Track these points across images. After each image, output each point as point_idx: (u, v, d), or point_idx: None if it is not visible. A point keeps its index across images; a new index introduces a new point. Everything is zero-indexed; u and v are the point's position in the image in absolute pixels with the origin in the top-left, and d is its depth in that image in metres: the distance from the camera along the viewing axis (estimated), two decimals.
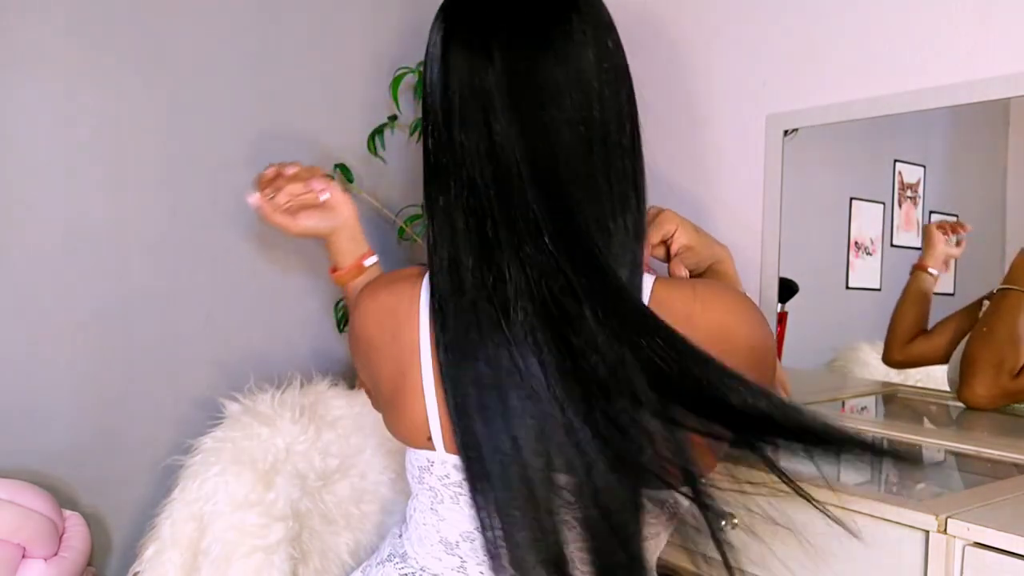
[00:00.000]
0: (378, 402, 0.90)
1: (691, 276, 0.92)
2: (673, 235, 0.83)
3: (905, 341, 1.35)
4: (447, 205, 0.72)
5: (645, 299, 0.72)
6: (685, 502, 0.76)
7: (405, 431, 0.81)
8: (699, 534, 0.78)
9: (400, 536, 0.89)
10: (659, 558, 1.07)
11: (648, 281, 0.74)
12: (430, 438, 0.77)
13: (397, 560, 0.86)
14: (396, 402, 0.79)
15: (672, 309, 0.70)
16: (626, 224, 0.71)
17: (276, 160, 1.50)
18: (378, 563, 0.89)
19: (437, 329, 0.73)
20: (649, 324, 0.67)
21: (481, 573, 0.78)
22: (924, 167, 1.40)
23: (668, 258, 0.85)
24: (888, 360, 1.37)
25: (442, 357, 0.72)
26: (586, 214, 0.69)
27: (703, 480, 0.75)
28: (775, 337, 0.75)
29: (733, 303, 0.73)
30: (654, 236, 0.81)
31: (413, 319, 0.78)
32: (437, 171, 0.73)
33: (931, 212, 1.39)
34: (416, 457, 0.81)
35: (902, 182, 1.40)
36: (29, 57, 1.24)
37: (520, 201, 0.68)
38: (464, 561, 0.79)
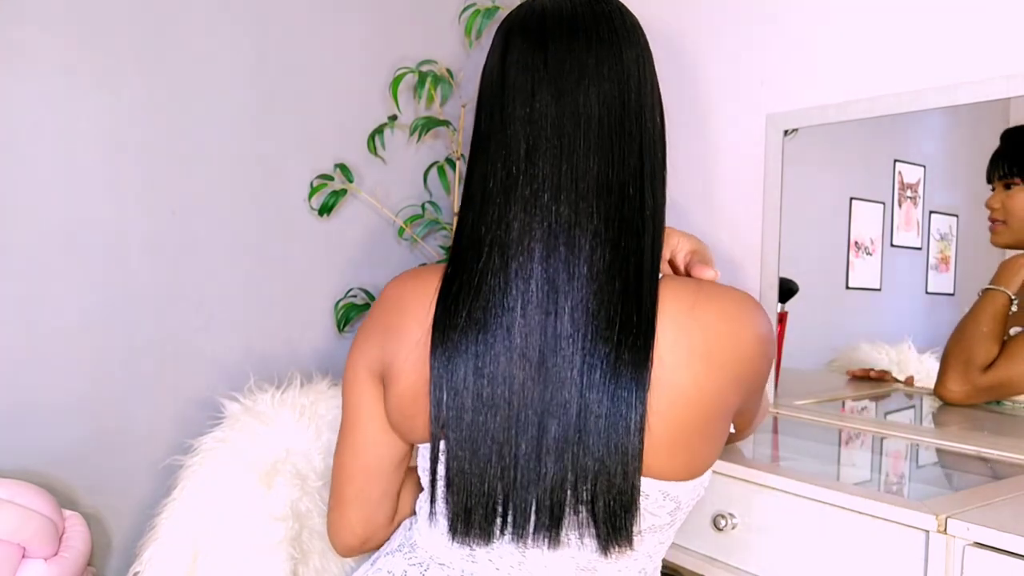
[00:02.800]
0: (367, 397, 0.88)
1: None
2: (677, 247, 0.88)
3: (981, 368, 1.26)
4: (481, 174, 0.79)
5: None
6: (685, 498, 0.77)
7: (411, 423, 0.82)
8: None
9: (411, 528, 0.89)
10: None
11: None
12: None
13: (407, 550, 0.87)
14: (418, 389, 0.79)
15: (678, 298, 0.75)
16: (653, 194, 0.77)
17: (276, 160, 1.51)
18: (387, 553, 0.89)
19: (438, 306, 0.78)
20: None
21: (490, 560, 0.79)
22: (924, 167, 1.40)
23: (677, 271, 0.88)
24: (957, 392, 1.28)
25: (437, 320, 0.77)
26: (608, 178, 0.75)
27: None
28: (771, 355, 0.80)
29: (733, 305, 0.76)
30: (663, 252, 0.87)
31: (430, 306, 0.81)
32: (479, 141, 0.80)
33: (931, 212, 1.39)
34: (427, 449, 0.82)
35: (902, 182, 1.40)
36: (29, 57, 1.24)
37: (541, 165, 0.75)
38: (473, 550, 0.80)
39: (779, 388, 1.42)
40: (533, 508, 0.74)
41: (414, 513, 0.92)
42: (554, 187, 0.74)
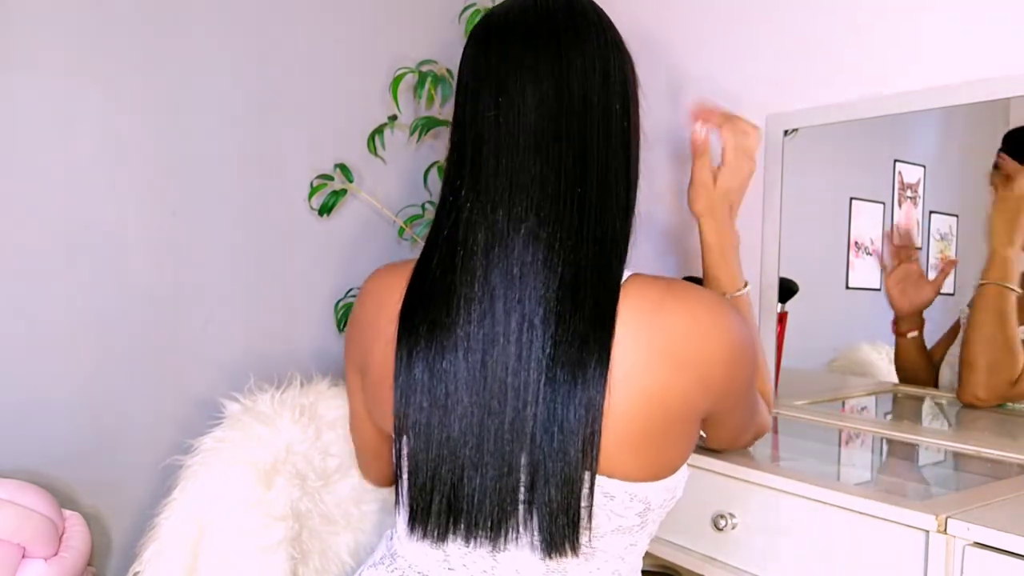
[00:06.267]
0: (357, 397, 0.93)
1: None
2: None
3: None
4: (445, 176, 0.81)
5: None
6: (654, 500, 0.77)
7: (382, 411, 0.83)
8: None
9: (392, 538, 0.90)
10: (659, 558, 1.07)
11: (624, 274, 0.76)
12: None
13: (388, 562, 0.87)
14: (385, 384, 0.80)
15: (644, 296, 0.74)
16: (602, 191, 0.76)
17: (276, 160, 1.51)
18: (370, 566, 0.90)
19: (404, 303, 0.79)
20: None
21: (464, 566, 0.79)
22: (924, 167, 1.40)
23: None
24: (987, 400, 1.25)
25: (400, 325, 0.78)
26: (544, 175, 0.74)
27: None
28: (746, 362, 0.78)
29: (702, 307, 0.74)
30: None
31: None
32: (450, 148, 0.81)
33: (931, 212, 1.39)
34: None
35: (902, 182, 1.40)
36: (29, 57, 1.24)
37: (485, 164, 0.76)
38: (448, 556, 0.80)
39: (779, 388, 1.42)
40: (480, 506, 0.74)
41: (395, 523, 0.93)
42: (492, 187, 0.75)
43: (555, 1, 0.78)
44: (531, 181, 0.74)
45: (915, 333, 1.32)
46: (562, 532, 0.72)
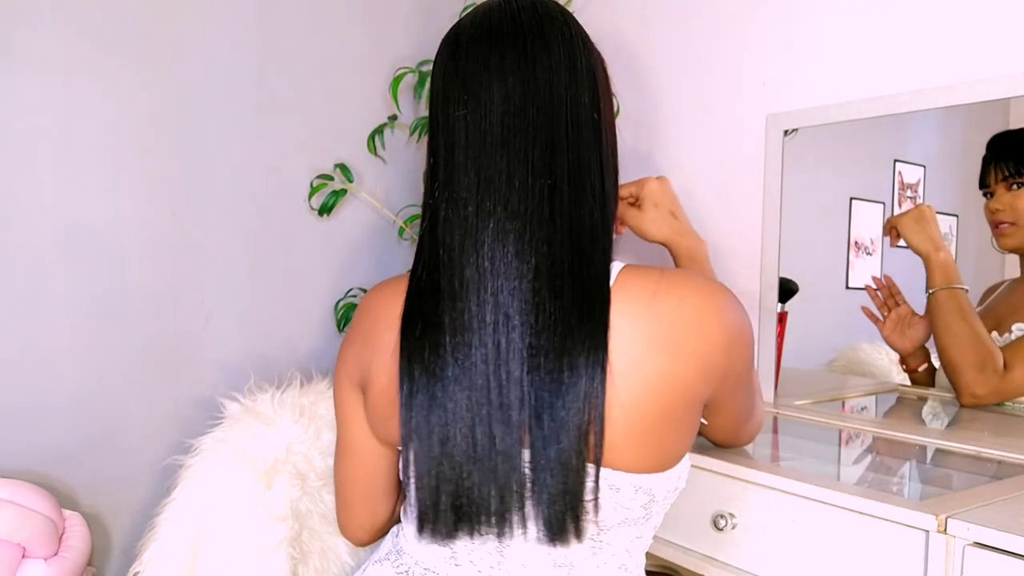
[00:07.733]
0: (354, 419, 0.92)
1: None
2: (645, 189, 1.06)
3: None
4: (426, 184, 0.81)
5: (611, 281, 0.76)
6: (659, 491, 0.77)
7: (387, 425, 0.83)
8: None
9: (398, 535, 0.90)
10: (659, 558, 1.07)
11: (616, 267, 0.77)
12: None
13: (394, 558, 0.88)
14: (391, 395, 0.80)
15: (639, 285, 0.75)
16: (574, 186, 0.77)
17: (276, 160, 1.51)
18: (375, 561, 0.90)
19: (404, 308, 0.80)
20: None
21: (471, 562, 0.79)
22: (924, 167, 1.40)
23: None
24: (985, 398, 1.24)
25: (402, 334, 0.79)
26: (511, 171, 0.75)
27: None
28: (744, 344, 0.79)
29: (697, 295, 0.75)
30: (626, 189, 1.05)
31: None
32: (427, 154, 0.82)
33: None
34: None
35: (902, 182, 1.40)
36: (29, 57, 1.24)
37: (456, 164, 0.77)
38: (455, 552, 0.80)
39: (779, 388, 1.42)
40: (482, 500, 0.74)
41: (399, 521, 0.93)
42: (462, 185, 0.76)
43: (519, 2, 0.80)
44: (498, 175, 0.75)
45: (925, 365, 1.34)
46: (561, 517, 0.72)
